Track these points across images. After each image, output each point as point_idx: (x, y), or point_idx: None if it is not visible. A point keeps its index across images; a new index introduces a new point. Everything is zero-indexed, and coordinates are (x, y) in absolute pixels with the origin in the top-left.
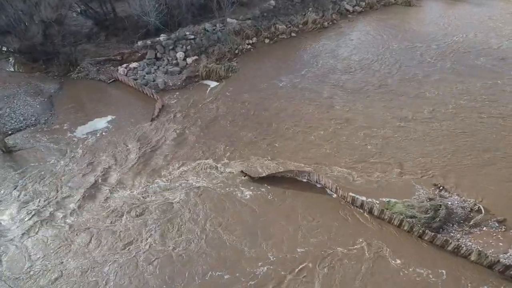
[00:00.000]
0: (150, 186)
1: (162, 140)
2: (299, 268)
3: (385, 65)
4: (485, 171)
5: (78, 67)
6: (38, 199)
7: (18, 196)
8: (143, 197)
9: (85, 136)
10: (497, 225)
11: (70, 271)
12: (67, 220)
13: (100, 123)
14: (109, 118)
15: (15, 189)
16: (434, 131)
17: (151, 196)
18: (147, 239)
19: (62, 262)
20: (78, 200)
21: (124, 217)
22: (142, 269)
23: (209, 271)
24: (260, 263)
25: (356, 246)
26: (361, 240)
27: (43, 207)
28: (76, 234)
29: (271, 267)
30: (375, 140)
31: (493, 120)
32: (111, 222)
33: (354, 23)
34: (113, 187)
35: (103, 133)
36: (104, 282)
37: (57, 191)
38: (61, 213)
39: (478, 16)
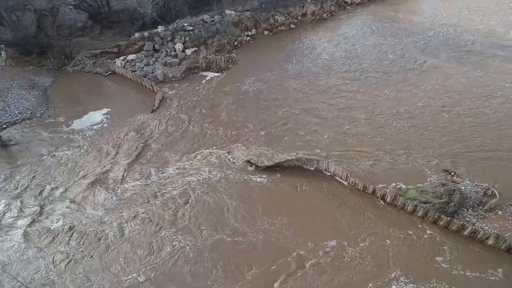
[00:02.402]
0: (156, 178)
1: (163, 131)
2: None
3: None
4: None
5: (74, 60)
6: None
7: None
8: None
9: (82, 129)
10: None
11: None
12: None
13: (98, 115)
14: (107, 110)
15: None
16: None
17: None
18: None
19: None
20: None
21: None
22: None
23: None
24: (319, 252)
25: (399, 233)
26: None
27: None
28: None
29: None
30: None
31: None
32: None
33: (352, 15)
34: (115, 182)
35: (102, 126)
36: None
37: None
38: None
39: (471, 8)
